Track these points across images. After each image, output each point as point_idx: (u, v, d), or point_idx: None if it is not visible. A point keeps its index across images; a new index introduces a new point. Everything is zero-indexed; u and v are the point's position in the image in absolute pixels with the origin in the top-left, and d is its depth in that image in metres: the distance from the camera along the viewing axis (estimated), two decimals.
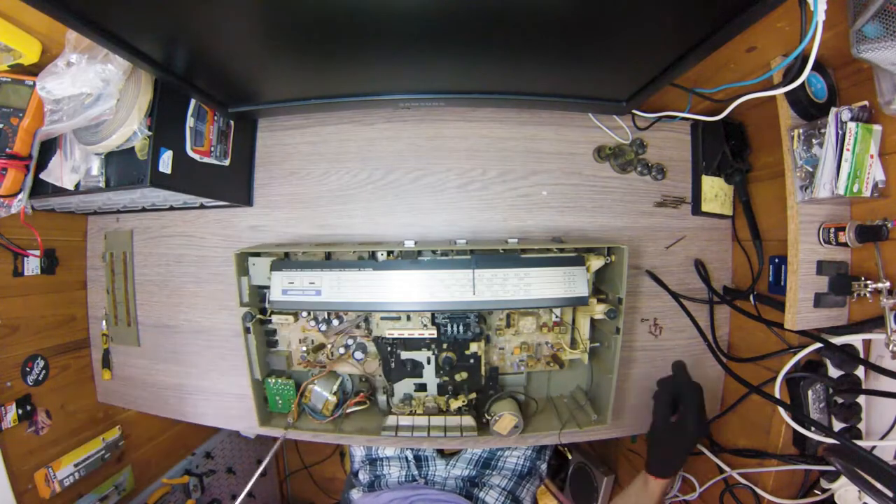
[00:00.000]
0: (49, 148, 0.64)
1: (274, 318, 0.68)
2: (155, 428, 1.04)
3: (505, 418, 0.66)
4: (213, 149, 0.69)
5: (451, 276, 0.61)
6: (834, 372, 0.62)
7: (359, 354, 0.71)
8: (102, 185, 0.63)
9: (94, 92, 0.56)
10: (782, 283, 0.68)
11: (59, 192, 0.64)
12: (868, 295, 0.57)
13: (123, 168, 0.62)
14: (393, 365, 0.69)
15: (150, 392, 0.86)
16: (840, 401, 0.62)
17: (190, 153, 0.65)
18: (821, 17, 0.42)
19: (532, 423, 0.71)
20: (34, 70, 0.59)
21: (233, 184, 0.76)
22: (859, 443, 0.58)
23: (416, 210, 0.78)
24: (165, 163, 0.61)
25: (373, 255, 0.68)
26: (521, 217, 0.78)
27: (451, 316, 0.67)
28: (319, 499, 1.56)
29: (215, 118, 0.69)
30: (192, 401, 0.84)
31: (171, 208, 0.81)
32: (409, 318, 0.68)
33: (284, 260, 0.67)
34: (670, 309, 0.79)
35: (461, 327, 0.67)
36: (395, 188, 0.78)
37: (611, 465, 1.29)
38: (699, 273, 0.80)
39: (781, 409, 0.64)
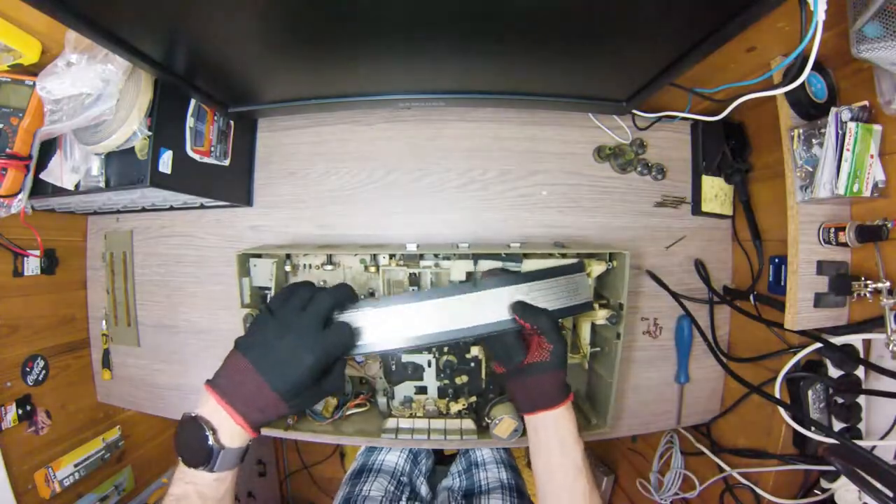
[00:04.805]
0: (49, 148, 0.64)
1: None
2: (155, 428, 1.04)
3: (505, 422, 0.66)
4: (213, 149, 0.69)
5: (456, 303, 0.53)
6: (834, 372, 0.62)
7: (359, 357, 0.70)
8: (102, 185, 0.63)
9: (94, 92, 0.56)
10: (782, 283, 0.68)
11: (59, 192, 0.64)
12: (868, 295, 0.57)
13: (123, 168, 0.62)
14: (394, 367, 0.69)
15: (150, 392, 0.86)
16: (840, 401, 0.62)
17: (190, 153, 0.65)
18: (821, 17, 0.42)
19: None
20: (34, 70, 0.59)
21: (233, 184, 0.76)
22: (859, 443, 0.58)
23: (416, 210, 0.78)
24: (165, 163, 0.61)
25: (374, 256, 0.68)
26: (522, 217, 0.78)
27: None
28: (319, 499, 1.57)
29: (215, 118, 0.69)
30: (192, 401, 0.84)
31: (171, 208, 0.81)
32: None
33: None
34: (670, 309, 0.79)
35: None
36: (395, 188, 0.78)
37: (610, 465, 1.30)
38: (699, 273, 0.80)
39: (781, 409, 0.64)
